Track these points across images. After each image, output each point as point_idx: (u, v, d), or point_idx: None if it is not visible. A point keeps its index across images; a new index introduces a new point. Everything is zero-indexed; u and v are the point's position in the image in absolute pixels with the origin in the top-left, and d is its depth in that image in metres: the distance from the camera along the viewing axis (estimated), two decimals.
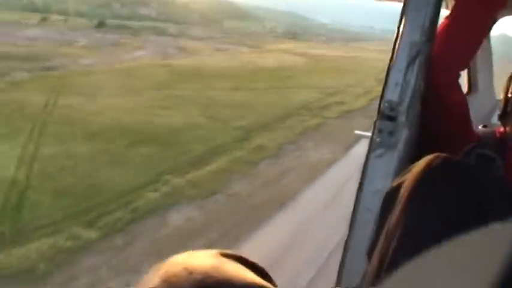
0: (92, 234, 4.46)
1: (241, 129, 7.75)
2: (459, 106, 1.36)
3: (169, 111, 8.25)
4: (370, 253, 0.99)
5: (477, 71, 2.41)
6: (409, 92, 1.21)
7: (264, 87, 10.87)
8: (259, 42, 17.71)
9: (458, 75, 1.34)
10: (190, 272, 0.54)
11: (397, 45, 1.23)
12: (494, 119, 1.65)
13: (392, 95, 1.20)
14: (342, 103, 9.88)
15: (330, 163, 6.37)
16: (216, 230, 4.65)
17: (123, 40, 13.63)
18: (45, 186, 5.24)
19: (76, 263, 4.05)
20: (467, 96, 1.93)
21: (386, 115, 1.21)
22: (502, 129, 1.40)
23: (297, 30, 21.99)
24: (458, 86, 1.35)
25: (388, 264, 0.90)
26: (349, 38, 21.34)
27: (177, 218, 4.95)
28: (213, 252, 0.60)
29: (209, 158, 6.53)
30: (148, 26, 16.29)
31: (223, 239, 4.48)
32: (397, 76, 1.22)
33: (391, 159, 1.20)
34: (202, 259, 0.58)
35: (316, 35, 21.24)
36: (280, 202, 5.31)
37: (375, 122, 1.21)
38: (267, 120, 8.35)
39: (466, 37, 1.33)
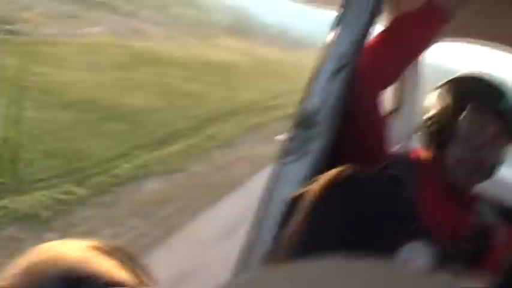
0: (82, 191, 5.33)
1: (197, 118, 8.73)
2: (377, 124, 1.34)
3: (132, 92, 9.04)
4: (267, 260, 1.03)
5: (404, 91, 2.40)
6: (329, 103, 1.19)
7: (214, 82, 11.80)
8: (207, 34, 18.54)
9: (381, 94, 1.33)
10: (55, 263, 0.53)
11: (325, 53, 1.22)
12: (415, 141, 1.71)
13: (312, 103, 1.18)
14: (283, 106, 11.06)
15: (273, 157, 7.56)
16: (184, 199, 5.69)
17: (79, 13, 13.96)
18: (35, 146, 5.98)
19: (73, 214, 4.93)
20: (391, 115, 2.25)
21: (302, 122, 1.18)
22: (418, 151, 1.41)
23: (241, 27, 22.93)
24: (379, 105, 1.33)
25: None
26: (290, 42, 22.60)
27: (150, 186, 5.91)
28: (86, 243, 0.61)
29: (171, 140, 7.50)
30: (100, 0, 16.63)
31: (190, 206, 5.55)
32: (320, 85, 1.19)
33: (302, 168, 1.17)
34: (72, 250, 0.57)
35: (260, 35, 22.34)
36: (233, 184, 6.45)
37: (290, 128, 1.20)
38: (218, 113, 9.38)
39: (395, 57, 1.32)
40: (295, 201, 1.02)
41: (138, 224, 5.01)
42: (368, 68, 1.28)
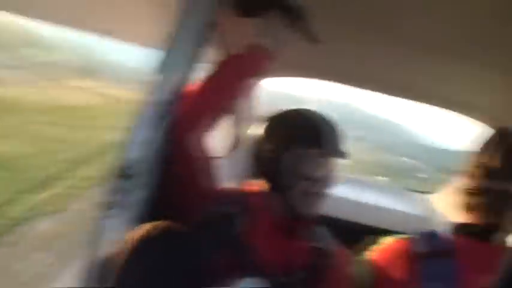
0: None
1: (68, 160, 9.66)
2: (201, 166, 1.35)
3: (4, 139, 9.74)
4: None
5: (239, 127, 2.40)
6: (150, 152, 1.17)
7: (77, 125, 12.65)
8: (60, 75, 18.92)
9: (203, 137, 1.34)
10: None
11: (145, 102, 1.20)
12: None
13: (133, 153, 1.16)
14: None
15: None
16: (76, 234, 6.81)
17: None
18: None
19: None
20: (230, 152, 2.36)
21: (123, 173, 1.15)
22: (251, 186, 1.46)
23: (91, 65, 23.22)
24: (202, 147, 1.35)
25: None
26: (138, 82, 23.23)
27: (44, 225, 6.90)
28: None
29: (51, 183, 8.41)
30: None
31: (82, 240, 6.68)
32: (140, 134, 1.17)
33: (123, 220, 1.14)
34: None
35: (110, 73, 22.87)
36: None
37: (111, 179, 1.16)
38: (86, 154, 10.44)
39: (214, 100, 1.33)
40: (109, 258, 0.98)
41: (42, 257, 6.08)
42: (188, 114, 1.28)
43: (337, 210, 2.38)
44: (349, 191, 2.60)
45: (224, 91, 1.36)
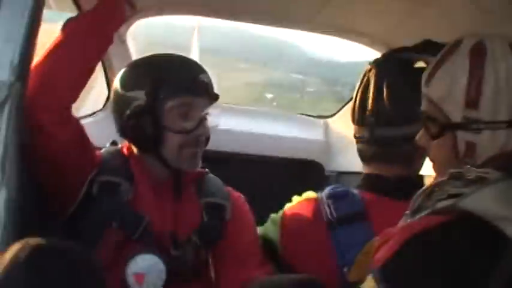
0: None
1: None
2: (75, 141, 1.17)
3: None
4: None
5: (112, 80, 1.97)
6: (1, 146, 0.94)
7: None
8: None
9: (68, 109, 1.15)
10: None
11: None
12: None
13: None
14: None
15: None
16: None
17: None
18: None
19: None
20: (104, 109, 2.10)
21: None
22: (126, 147, 1.32)
23: None
24: (71, 119, 1.18)
25: None
26: None
27: None
28: None
29: None
30: None
31: None
32: None
33: None
34: None
35: None
36: None
37: None
38: None
39: (69, 67, 1.13)
40: None
41: None
42: (42, 91, 1.09)
43: (232, 144, 2.31)
44: (240, 123, 2.46)
45: (77, 57, 1.17)
